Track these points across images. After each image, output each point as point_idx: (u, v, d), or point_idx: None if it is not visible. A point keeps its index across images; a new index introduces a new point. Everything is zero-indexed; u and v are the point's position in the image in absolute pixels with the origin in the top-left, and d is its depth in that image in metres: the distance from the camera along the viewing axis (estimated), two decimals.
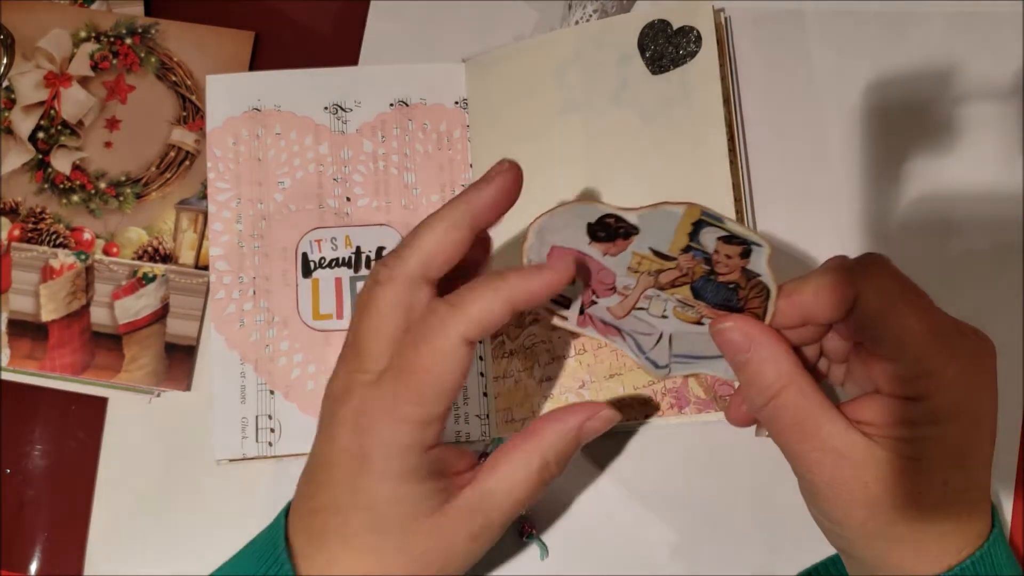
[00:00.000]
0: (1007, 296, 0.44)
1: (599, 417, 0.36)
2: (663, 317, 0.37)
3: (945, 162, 0.46)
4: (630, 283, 0.37)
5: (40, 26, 0.52)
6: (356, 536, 0.33)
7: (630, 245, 0.35)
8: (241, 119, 0.49)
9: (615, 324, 0.38)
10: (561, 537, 0.45)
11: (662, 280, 0.36)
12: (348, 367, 0.34)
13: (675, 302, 0.36)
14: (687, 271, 0.35)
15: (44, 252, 0.50)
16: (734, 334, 0.34)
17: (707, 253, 0.34)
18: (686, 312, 0.36)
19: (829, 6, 0.48)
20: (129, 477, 0.49)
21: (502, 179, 0.35)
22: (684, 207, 0.34)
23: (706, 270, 0.35)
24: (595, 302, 0.38)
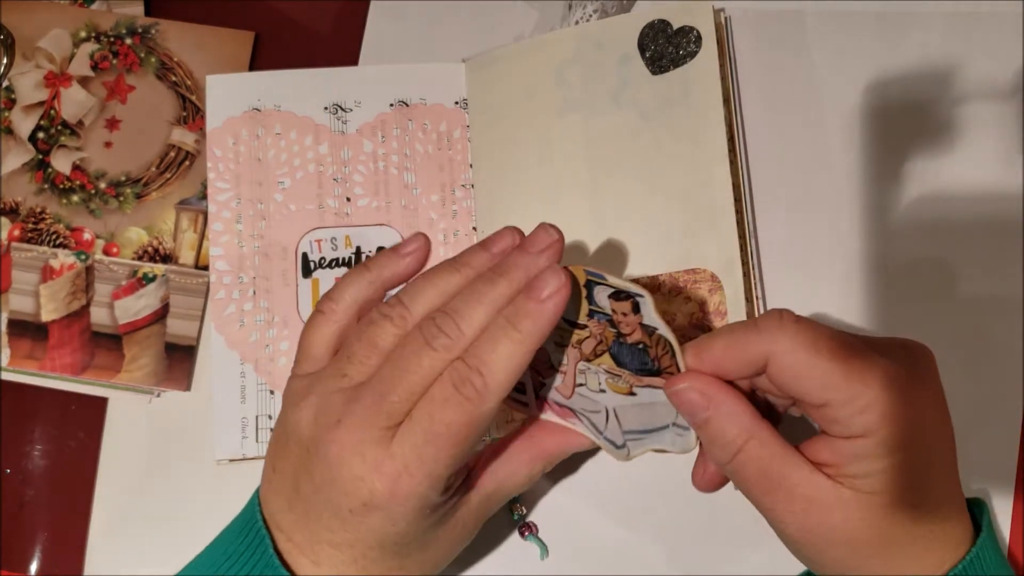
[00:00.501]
0: (1007, 296, 0.44)
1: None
2: (601, 391, 0.36)
3: (945, 162, 0.46)
4: (563, 359, 0.36)
5: (40, 26, 0.52)
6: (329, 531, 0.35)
7: None
8: (241, 119, 0.49)
9: (567, 405, 0.37)
10: (561, 537, 0.45)
11: (585, 350, 0.35)
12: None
13: (605, 373, 0.35)
14: (600, 337, 0.34)
15: (44, 252, 0.50)
16: (691, 394, 0.33)
17: (608, 314, 0.33)
18: (617, 383, 0.35)
19: (829, 6, 0.48)
20: (129, 477, 0.49)
21: (413, 259, 0.39)
22: (570, 271, 0.33)
23: (614, 333, 0.34)
24: (543, 383, 0.37)
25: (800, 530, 0.33)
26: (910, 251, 0.45)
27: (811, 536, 0.33)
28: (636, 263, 0.44)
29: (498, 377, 0.32)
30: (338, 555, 0.34)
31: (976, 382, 0.44)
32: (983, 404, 0.44)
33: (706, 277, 0.42)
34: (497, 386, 0.32)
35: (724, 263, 0.42)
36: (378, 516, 0.33)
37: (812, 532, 0.33)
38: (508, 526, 0.46)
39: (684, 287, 0.43)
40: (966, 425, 0.43)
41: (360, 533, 0.34)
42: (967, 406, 0.43)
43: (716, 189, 0.43)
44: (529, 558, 0.45)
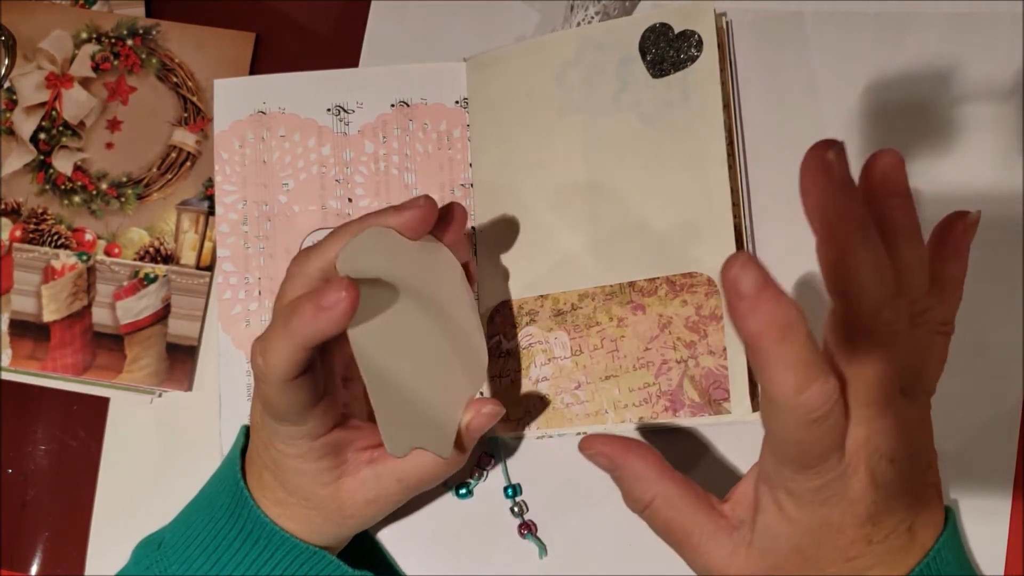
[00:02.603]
0: (1007, 296, 0.44)
1: (482, 414, 0.39)
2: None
3: (945, 162, 0.46)
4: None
5: (41, 27, 0.52)
6: (271, 489, 0.40)
7: None
8: (247, 122, 0.49)
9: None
10: (560, 536, 0.45)
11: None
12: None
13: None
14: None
15: (46, 253, 0.50)
16: (600, 459, 0.36)
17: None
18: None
19: (829, 7, 0.48)
20: (130, 477, 0.49)
21: (411, 213, 0.37)
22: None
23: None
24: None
25: (700, 573, 0.36)
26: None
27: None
28: (633, 265, 0.44)
29: (270, 352, 0.35)
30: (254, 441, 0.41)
31: (976, 382, 0.44)
32: (983, 404, 0.44)
33: (702, 281, 0.42)
34: (270, 365, 0.35)
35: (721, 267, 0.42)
36: (263, 386, 0.37)
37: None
38: (507, 525, 0.46)
39: (681, 291, 0.43)
40: (966, 425, 0.43)
41: (264, 419, 0.39)
42: (967, 406, 0.43)
43: (714, 193, 0.43)
44: (528, 557, 0.45)
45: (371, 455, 0.40)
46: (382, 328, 0.37)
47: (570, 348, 0.44)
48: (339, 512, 0.40)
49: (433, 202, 0.38)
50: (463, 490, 0.46)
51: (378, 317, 0.37)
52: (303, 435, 0.38)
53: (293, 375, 0.35)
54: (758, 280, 0.27)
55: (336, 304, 0.33)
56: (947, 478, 0.43)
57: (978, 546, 0.42)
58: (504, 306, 0.46)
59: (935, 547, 0.34)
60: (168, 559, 0.40)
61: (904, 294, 0.31)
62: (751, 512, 0.34)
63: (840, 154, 0.29)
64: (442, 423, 0.38)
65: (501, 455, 0.46)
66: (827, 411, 0.29)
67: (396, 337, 0.37)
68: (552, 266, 0.45)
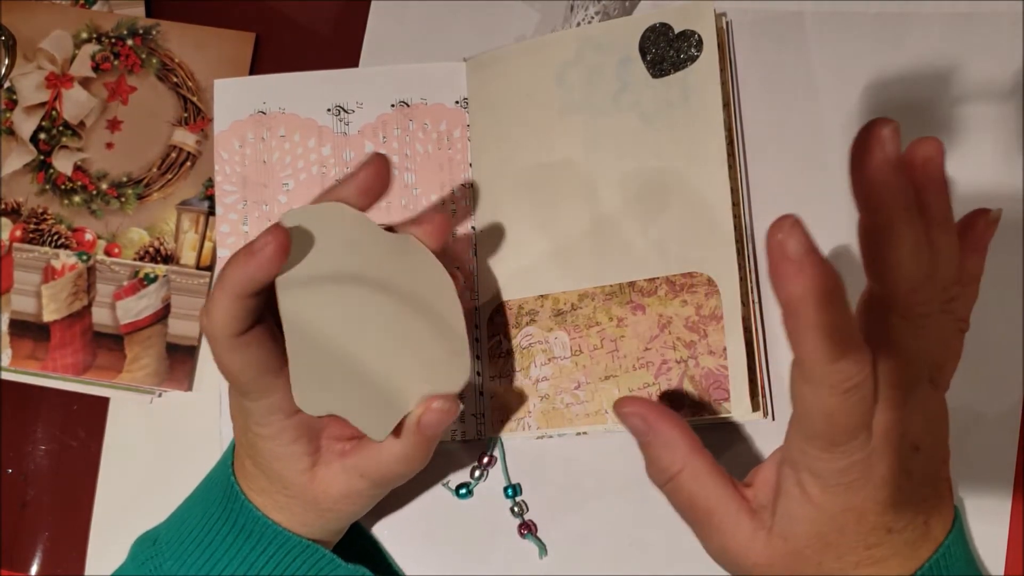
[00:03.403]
0: (1007, 296, 0.44)
1: (432, 409, 0.38)
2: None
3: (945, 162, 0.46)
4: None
5: (41, 27, 0.52)
6: (254, 478, 0.40)
7: None
8: (247, 122, 0.49)
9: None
10: (560, 536, 0.45)
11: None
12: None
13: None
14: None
15: (46, 253, 0.50)
16: (634, 420, 0.36)
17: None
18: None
19: (829, 7, 0.48)
20: (130, 477, 0.49)
21: (363, 172, 0.38)
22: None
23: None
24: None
25: (718, 556, 0.35)
26: None
27: (728, 565, 0.35)
28: (633, 265, 0.44)
29: (211, 309, 0.36)
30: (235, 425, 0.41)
31: (975, 382, 0.44)
32: (982, 404, 0.44)
33: (703, 281, 0.42)
34: (212, 321, 0.36)
35: (721, 267, 0.42)
36: (214, 350, 0.37)
37: (730, 563, 0.35)
38: (507, 525, 0.46)
39: (681, 291, 0.43)
40: (966, 425, 0.43)
41: (238, 403, 0.39)
42: (967, 406, 0.43)
43: (714, 193, 0.43)
44: (528, 557, 0.45)
45: (343, 447, 0.40)
46: (321, 291, 0.37)
47: (570, 348, 0.44)
48: (315, 504, 0.40)
49: (384, 157, 0.38)
50: (463, 490, 0.46)
51: (317, 280, 0.37)
52: (273, 410, 0.38)
53: (237, 329, 0.36)
54: (805, 244, 0.27)
55: (263, 247, 0.34)
56: None
57: (978, 546, 0.42)
58: (504, 306, 0.46)
59: (946, 542, 0.34)
60: (163, 555, 0.40)
61: (937, 279, 0.32)
62: (772, 496, 0.34)
63: (895, 133, 0.30)
64: (383, 406, 0.38)
65: (501, 455, 0.46)
66: (860, 382, 0.29)
67: (337, 308, 0.37)
68: (552, 266, 0.45)
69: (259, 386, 0.37)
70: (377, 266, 0.38)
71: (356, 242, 0.38)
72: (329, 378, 0.37)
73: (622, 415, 0.36)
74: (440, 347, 0.39)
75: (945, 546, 0.34)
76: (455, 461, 0.47)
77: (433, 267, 0.39)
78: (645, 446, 0.36)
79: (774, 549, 0.33)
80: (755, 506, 0.34)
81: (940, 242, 0.32)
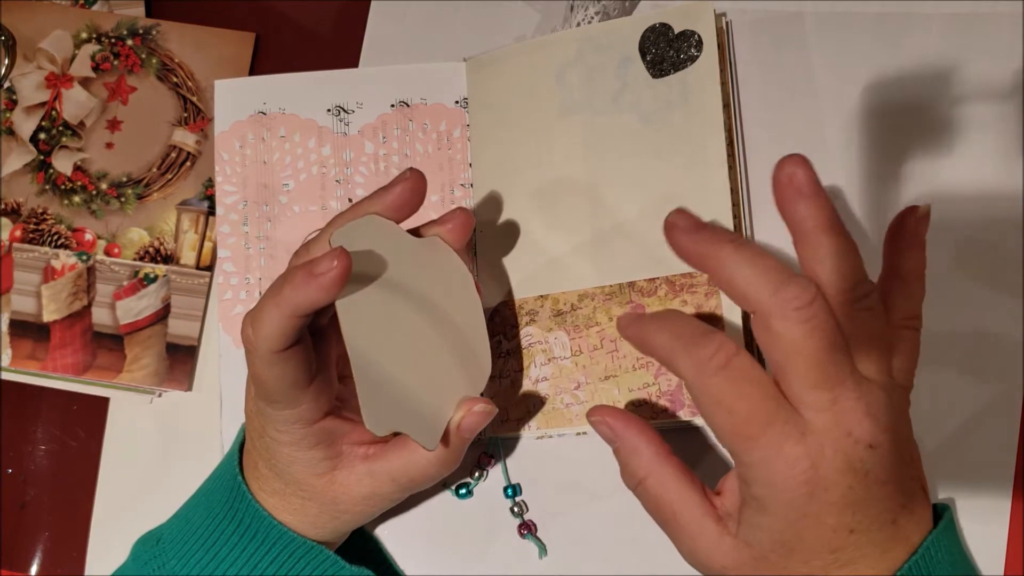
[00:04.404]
0: (1007, 296, 0.44)
1: (473, 412, 0.39)
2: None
3: (945, 162, 0.46)
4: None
5: (41, 27, 0.52)
6: (267, 480, 0.40)
7: None
8: (247, 122, 0.49)
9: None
10: (560, 536, 0.45)
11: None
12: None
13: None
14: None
15: (46, 253, 0.50)
16: (602, 427, 0.37)
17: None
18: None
19: (829, 7, 0.48)
20: (130, 477, 0.49)
21: (400, 187, 0.38)
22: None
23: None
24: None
25: (689, 558, 0.36)
26: None
27: (697, 566, 0.36)
28: (633, 266, 0.44)
29: (260, 322, 0.36)
30: (250, 430, 0.41)
31: (975, 382, 0.44)
32: (983, 404, 0.44)
33: (702, 281, 0.42)
34: (259, 336, 0.36)
35: None
36: (252, 360, 0.37)
37: (698, 564, 0.35)
38: (507, 525, 0.46)
39: (681, 291, 0.43)
40: (966, 425, 0.43)
41: (257, 406, 0.39)
42: (967, 406, 0.43)
43: (714, 193, 0.43)
44: (528, 557, 0.45)
45: (367, 451, 0.40)
46: (371, 309, 0.37)
47: (570, 348, 0.44)
48: (334, 505, 0.40)
49: (419, 174, 0.38)
50: (463, 490, 0.46)
51: (367, 298, 0.37)
52: (295, 420, 0.38)
53: (281, 346, 0.36)
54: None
55: (328, 271, 0.34)
56: (947, 477, 0.43)
57: (978, 546, 0.42)
58: (504, 306, 0.46)
59: (924, 544, 0.34)
60: (166, 554, 0.40)
61: (834, 281, 0.32)
62: (737, 504, 0.34)
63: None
64: (430, 416, 0.38)
65: (501, 455, 0.46)
66: (732, 355, 0.32)
67: (385, 323, 0.37)
68: (552, 266, 0.45)
69: (288, 397, 0.37)
70: (413, 275, 0.38)
71: (394, 254, 0.38)
72: (387, 395, 0.37)
73: (592, 423, 0.37)
74: (465, 347, 0.39)
75: (923, 548, 0.33)
76: None
77: (457, 267, 0.40)
78: (615, 452, 0.37)
79: (740, 554, 0.34)
80: (722, 513, 0.35)
81: (823, 249, 0.33)
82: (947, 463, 0.43)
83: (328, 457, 0.39)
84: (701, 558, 0.35)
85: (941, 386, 0.36)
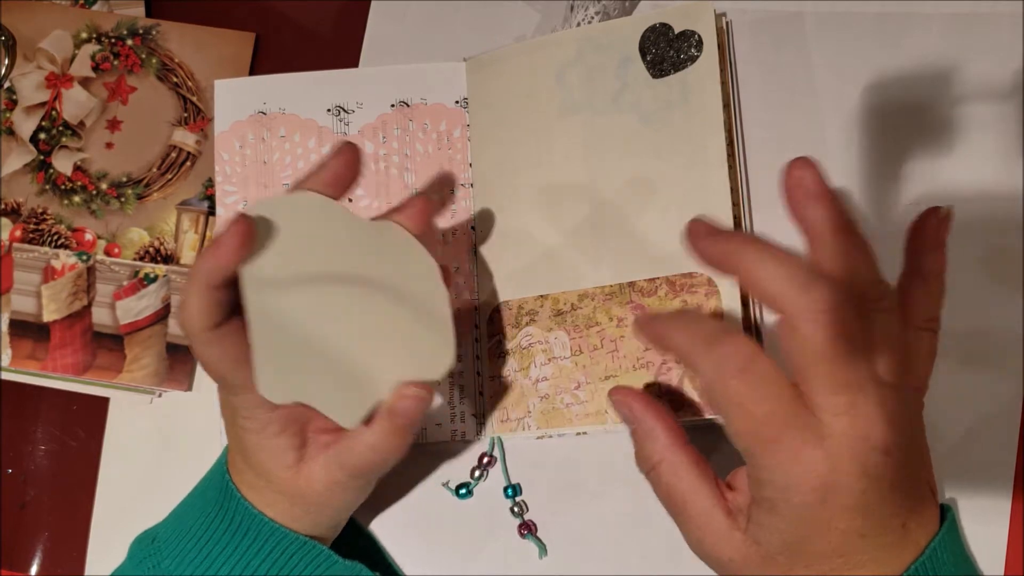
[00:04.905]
0: (1007, 296, 0.44)
1: (403, 396, 0.38)
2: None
3: (945, 162, 0.46)
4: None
5: (41, 27, 0.52)
6: (243, 473, 0.40)
7: None
8: (247, 122, 0.49)
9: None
10: (560, 536, 0.45)
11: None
12: None
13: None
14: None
15: (45, 253, 0.50)
16: (621, 408, 0.37)
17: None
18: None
19: (829, 7, 0.48)
20: (130, 477, 0.49)
21: (334, 162, 0.38)
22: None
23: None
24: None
25: (696, 548, 0.36)
26: None
27: (705, 557, 0.36)
28: (633, 266, 0.44)
29: (184, 303, 0.37)
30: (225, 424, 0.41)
31: (976, 382, 0.44)
32: (983, 404, 0.44)
33: (702, 281, 0.42)
34: (186, 315, 0.36)
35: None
36: (193, 346, 0.38)
37: (706, 555, 0.35)
38: (507, 525, 0.46)
39: (681, 291, 0.43)
40: (966, 425, 0.43)
41: (224, 397, 0.40)
42: (967, 405, 0.43)
43: (714, 193, 0.43)
44: (528, 557, 0.45)
45: (327, 440, 0.40)
46: (291, 279, 0.37)
47: (570, 348, 0.44)
48: (302, 499, 0.40)
49: (353, 147, 0.38)
50: (463, 490, 0.46)
51: (287, 268, 0.37)
52: (257, 404, 0.38)
53: (210, 322, 0.36)
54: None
55: (227, 237, 0.35)
56: (947, 478, 0.43)
57: (978, 546, 0.42)
58: (504, 306, 0.46)
59: (930, 546, 0.34)
60: (161, 553, 0.40)
61: (856, 284, 0.32)
62: (747, 501, 0.34)
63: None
64: (354, 394, 0.37)
65: (501, 455, 0.46)
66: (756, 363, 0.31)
67: (308, 296, 0.37)
68: (552, 266, 0.45)
69: (240, 380, 0.37)
70: (352, 254, 0.38)
71: (328, 231, 0.37)
72: (295, 366, 0.37)
73: (613, 401, 0.38)
74: (422, 333, 0.38)
75: (929, 551, 0.33)
76: (455, 461, 0.47)
77: (415, 252, 0.39)
78: (632, 434, 0.37)
79: (748, 551, 0.34)
80: (733, 507, 0.35)
81: (837, 249, 0.33)
82: (947, 463, 0.43)
83: (294, 447, 0.39)
84: (708, 549, 0.35)
85: (941, 386, 0.36)
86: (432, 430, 0.46)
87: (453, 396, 0.46)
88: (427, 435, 0.46)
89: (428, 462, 0.47)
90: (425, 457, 0.47)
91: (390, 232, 0.38)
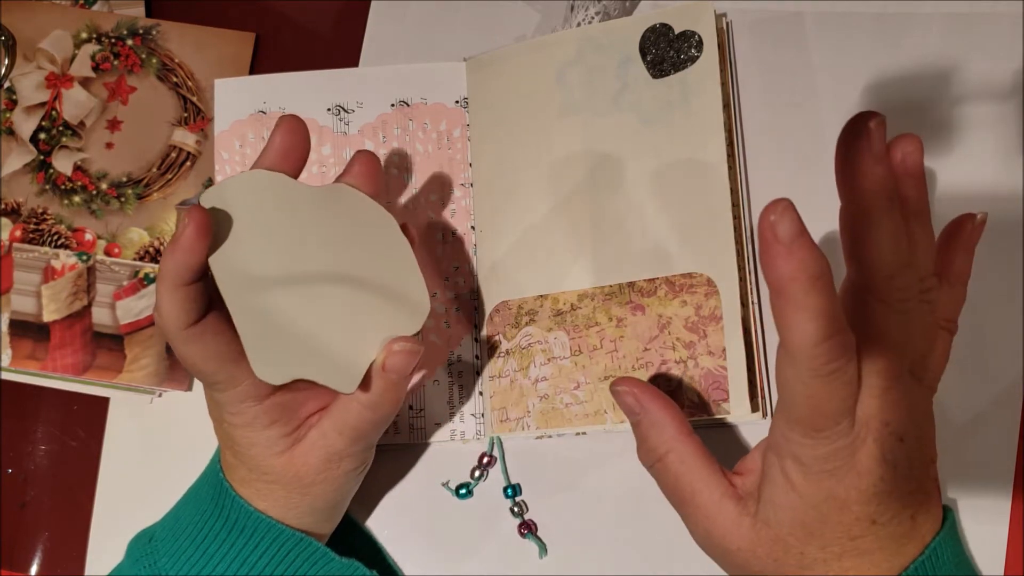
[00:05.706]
0: (1007, 297, 0.44)
1: (394, 351, 0.37)
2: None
3: (945, 162, 0.46)
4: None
5: (41, 27, 0.52)
6: (235, 469, 0.40)
7: None
8: (247, 122, 0.49)
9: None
10: (560, 536, 0.45)
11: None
12: None
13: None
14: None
15: (46, 253, 0.50)
16: (627, 398, 0.37)
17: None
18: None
19: (829, 7, 0.48)
20: (130, 477, 0.49)
21: (279, 135, 0.37)
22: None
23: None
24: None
25: (702, 541, 0.36)
26: None
27: (712, 549, 0.36)
28: (633, 266, 0.44)
29: (157, 304, 0.36)
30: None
31: (975, 382, 0.44)
32: (982, 404, 0.44)
33: (702, 281, 0.42)
34: (161, 316, 0.36)
35: (720, 267, 0.42)
36: (173, 346, 0.37)
37: (713, 547, 0.35)
38: (507, 525, 0.46)
39: (680, 291, 0.43)
40: (965, 425, 0.43)
41: (209, 396, 0.40)
42: (966, 405, 0.43)
43: (714, 193, 0.43)
44: (528, 557, 0.45)
45: (318, 416, 0.40)
46: (258, 260, 0.37)
47: (569, 348, 0.44)
48: (298, 481, 0.39)
49: (295, 117, 0.38)
50: (463, 490, 0.46)
51: (253, 250, 0.37)
52: (243, 398, 0.38)
53: (185, 320, 0.36)
54: (796, 227, 0.28)
55: (183, 231, 0.35)
56: (947, 478, 0.43)
57: (978, 546, 0.42)
58: (504, 306, 0.46)
59: (932, 543, 0.34)
60: (158, 552, 0.40)
61: (914, 267, 0.32)
62: (758, 483, 0.34)
63: (880, 126, 0.31)
64: (346, 360, 0.38)
65: (501, 455, 0.46)
66: (843, 365, 0.29)
67: (278, 272, 0.37)
68: (551, 266, 0.45)
69: (224, 376, 0.37)
70: (312, 223, 0.37)
71: (283, 204, 0.37)
72: (285, 345, 0.37)
73: (616, 392, 0.38)
74: (394, 289, 0.38)
75: (931, 548, 0.34)
76: (455, 461, 0.47)
77: (371, 210, 0.38)
78: (635, 425, 0.37)
79: (757, 534, 0.34)
80: (742, 493, 0.35)
81: (917, 232, 0.33)
82: (947, 463, 0.43)
83: (286, 434, 0.39)
84: (716, 540, 0.35)
85: (942, 386, 0.36)
86: (432, 430, 0.46)
87: (453, 396, 0.46)
88: (427, 435, 0.46)
89: (428, 462, 0.47)
90: (425, 457, 0.47)
91: (343, 194, 0.38)
